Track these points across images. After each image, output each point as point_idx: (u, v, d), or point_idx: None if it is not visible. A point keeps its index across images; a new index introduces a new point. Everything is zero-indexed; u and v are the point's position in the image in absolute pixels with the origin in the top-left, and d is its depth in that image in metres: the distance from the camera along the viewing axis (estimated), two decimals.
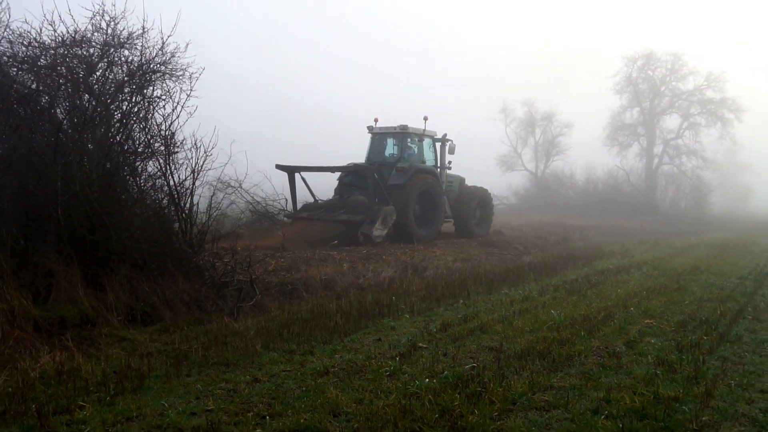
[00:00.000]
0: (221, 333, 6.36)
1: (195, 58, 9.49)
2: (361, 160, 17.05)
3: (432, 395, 4.44)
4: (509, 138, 46.04)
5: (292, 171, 15.83)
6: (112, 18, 9.17)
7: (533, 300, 8.57)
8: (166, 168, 8.43)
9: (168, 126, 8.41)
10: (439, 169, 17.63)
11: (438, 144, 17.89)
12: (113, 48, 9.34)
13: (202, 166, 8.57)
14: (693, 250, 17.29)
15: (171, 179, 8.46)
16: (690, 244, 19.63)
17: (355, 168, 16.10)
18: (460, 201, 18.09)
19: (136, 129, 8.79)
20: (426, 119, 17.18)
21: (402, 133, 16.81)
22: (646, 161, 42.99)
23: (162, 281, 7.79)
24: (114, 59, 9.34)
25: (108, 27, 9.23)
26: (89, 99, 9.13)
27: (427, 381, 4.81)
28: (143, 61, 9.23)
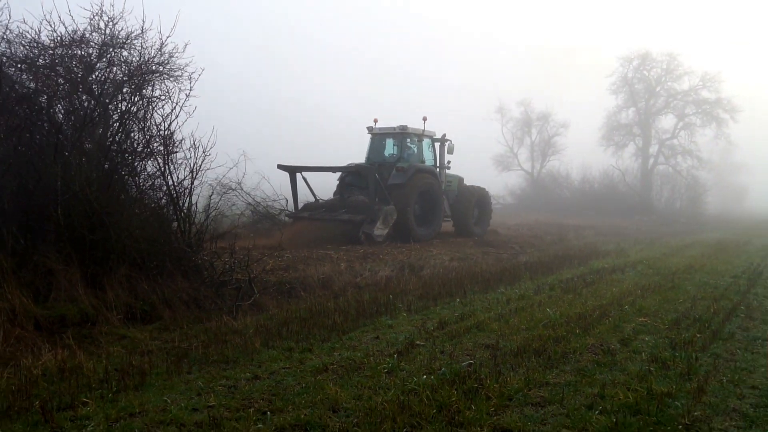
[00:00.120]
0: (221, 331, 6.43)
1: (193, 58, 9.56)
2: (361, 160, 17.14)
3: (430, 391, 4.52)
4: (505, 138, 46.22)
5: (293, 171, 15.93)
6: (110, 18, 9.23)
7: (529, 298, 8.65)
8: (164, 168, 8.49)
9: (167, 126, 8.48)
10: (439, 169, 17.73)
11: (437, 144, 18.00)
12: (112, 48, 9.39)
13: (200, 165, 8.64)
14: (688, 249, 17.40)
15: (170, 179, 8.52)
16: (685, 243, 19.74)
17: (357, 168, 16.18)
18: (459, 200, 18.20)
19: (134, 129, 8.85)
20: (425, 120, 17.30)
21: (401, 134, 16.90)
22: (641, 161, 43.19)
23: (161, 280, 7.85)
24: (113, 59, 9.39)
25: (106, 27, 9.29)
26: (88, 99, 9.18)
27: (425, 377, 4.89)
28: (142, 62, 9.28)
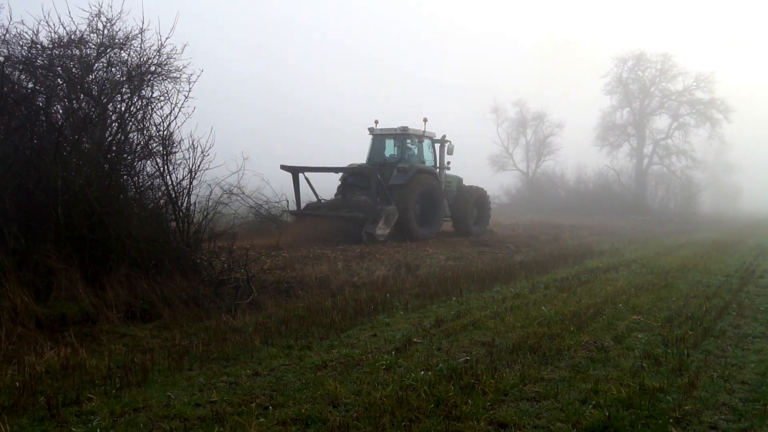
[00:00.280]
0: (220, 329, 6.51)
1: (192, 59, 9.63)
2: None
3: (427, 387, 4.62)
4: (501, 138, 46.36)
5: (296, 171, 16.15)
6: (108, 19, 9.29)
7: (524, 297, 8.76)
8: (164, 168, 8.56)
9: (166, 127, 8.55)
10: (439, 170, 17.96)
11: (437, 145, 18.23)
12: (110, 49, 9.45)
13: (199, 166, 8.72)
14: (681, 249, 17.55)
15: (169, 179, 8.59)
16: (679, 243, 19.90)
17: (359, 169, 16.38)
18: (458, 200, 18.43)
19: (134, 130, 8.92)
20: (426, 121, 17.55)
21: (402, 135, 17.14)
22: (636, 161, 43.40)
23: (160, 279, 7.92)
24: (112, 60, 9.45)
25: (104, 28, 9.35)
26: (86, 100, 9.23)
27: (423, 373, 4.98)
28: (140, 63, 9.35)
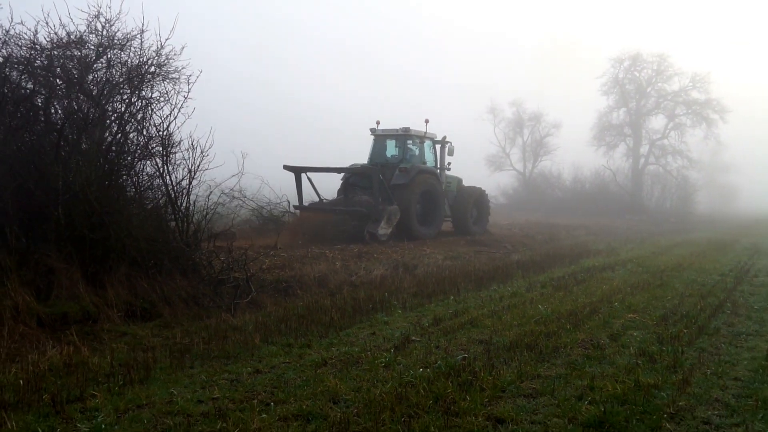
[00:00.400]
0: (220, 328, 6.57)
1: (190, 60, 9.67)
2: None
3: (426, 383, 4.69)
4: (497, 138, 46.48)
5: (299, 171, 16.33)
6: (107, 20, 9.33)
7: (521, 296, 8.84)
8: (163, 168, 8.62)
9: (166, 127, 8.61)
10: (439, 170, 18.16)
11: (438, 146, 18.45)
12: (109, 49, 9.49)
13: (198, 166, 8.79)
14: (677, 248, 17.66)
15: (168, 179, 8.65)
16: (674, 242, 20.01)
17: (362, 169, 16.53)
18: (457, 201, 18.65)
19: (133, 130, 8.97)
20: (427, 122, 17.81)
21: (404, 135, 17.37)
22: (632, 161, 43.53)
23: (160, 278, 7.98)
24: (111, 61, 9.49)
25: (103, 29, 9.39)
26: (85, 100, 9.27)
27: (421, 371, 5.06)
28: (139, 63, 9.39)
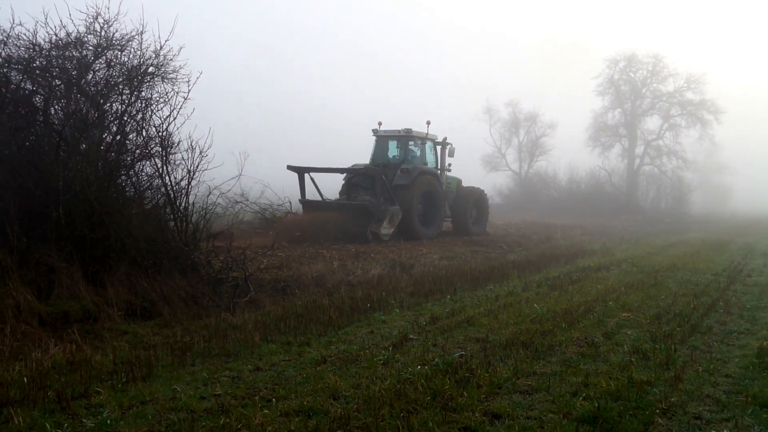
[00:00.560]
0: (220, 326, 6.65)
1: (188, 60, 9.73)
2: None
3: (424, 380, 4.79)
4: (493, 138, 46.60)
5: (302, 171, 16.46)
6: (106, 21, 9.39)
7: (517, 295, 8.95)
8: (163, 169, 8.69)
9: (165, 128, 8.68)
10: (440, 171, 18.35)
11: (438, 147, 18.65)
12: (107, 50, 9.54)
13: (197, 166, 8.86)
14: (671, 248, 17.80)
15: (167, 179, 8.71)
16: (669, 242, 20.17)
17: (365, 170, 16.68)
18: (457, 201, 18.86)
19: (132, 131, 9.03)
20: (429, 123, 17.98)
21: (406, 137, 17.55)
22: (627, 162, 43.74)
23: (160, 278, 8.05)
24: (110, 61, 9.54)
25: (102, 30, 9.44)
26: (84, 100, 9.33)
27: (419, 368, 5.16)
28: (138, 64, 9.45)
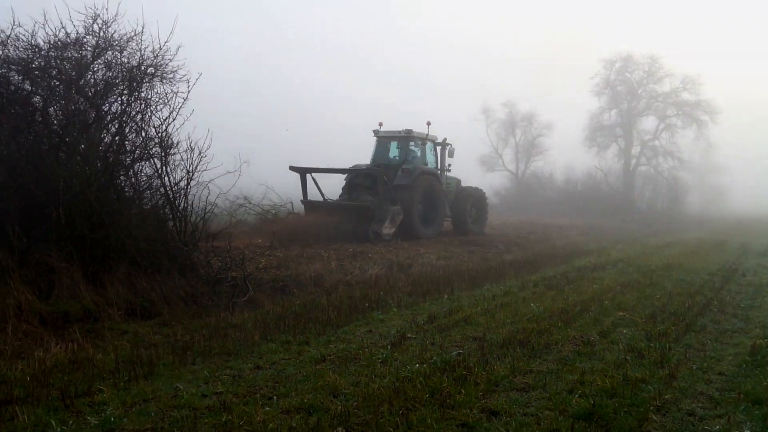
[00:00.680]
0: (220, 326, 6.71)
1: (185, 60, 9.77)
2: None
3: (422, 378, 4.86)
4: (490, 138, 46.63)
5: (304, 172, 16.57)
6: (104, 22, 9.42)
7: (514, 295, 9.02)
8: (162, 169, 8.74)
9: (165, 129, 8.73)
10: (440, 171, 18.48)
11: (438, 147, 18.78)
12: (105, 50, 9.58)
13: (196, 167, 8.91)
14: (667, 248, 17.91)
15: (167, 179, 8.77)
16: (665, 242, 20.27)
17: (368, 170, 16.79)
18: (457, 201, 18.98)
19: (131, 131, 9.07)
20: (429, 124, 18.13)
21: (406, 137, 17.68)
22: (623, 162, 43.85)
23: (159, 278, 8.10)
24: (109, 62, 9.58)
25: (100, 30, 9.47)
26: (82, 101, 9.36)
27: (418, 366, 5.23)
28: (135, 64, 9.48)
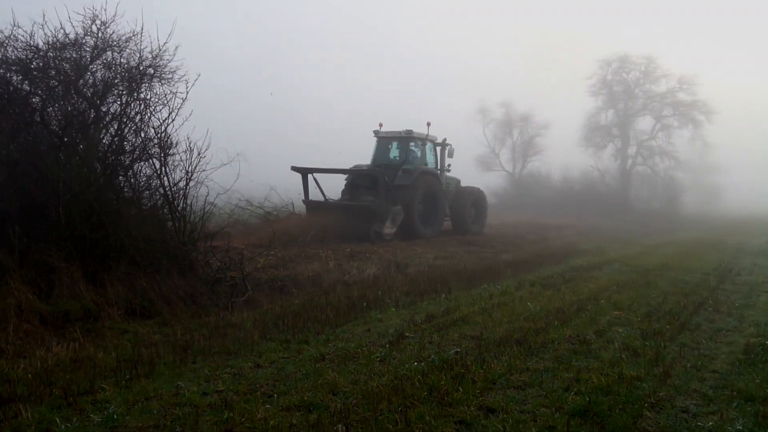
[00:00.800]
0: (219, 325, 6.77)
1: (186, 61, 9.82)
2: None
3: (421, 376, 4.93)
4: (487, 138, 46.80)
5: (306, 172, 16.66)
6: (103, 22, 9.46)
7: (511, 294, 9.09)
8: (161, 170, 8.79)
9: (164, 129, 8.78)
10: (440, 171, 18.59)
11: (438, 148, 18.91)
12: (103, 51, 9.61)
13: (195, 167, 8.97)
14: (663, 248, 18.01)
15: (166, 180, 8.81)
16: (661, 242, 20.38)
17: (369, 171, 16.87)
18: (456, 201, 19.12)
19: (130, 132, 9.11)
20: (429, 125, 18.24)
21: (407, 138, 17.80)
22: (620, 162, 44.06)
23: (158, 278, 8.14)
24: (108, 62, 9.61)
25: (99, 31, 9.51)
26: (82, 102, 9.40)
27: (416, 364, 5.29)
28: (134, 65, 9.53)
